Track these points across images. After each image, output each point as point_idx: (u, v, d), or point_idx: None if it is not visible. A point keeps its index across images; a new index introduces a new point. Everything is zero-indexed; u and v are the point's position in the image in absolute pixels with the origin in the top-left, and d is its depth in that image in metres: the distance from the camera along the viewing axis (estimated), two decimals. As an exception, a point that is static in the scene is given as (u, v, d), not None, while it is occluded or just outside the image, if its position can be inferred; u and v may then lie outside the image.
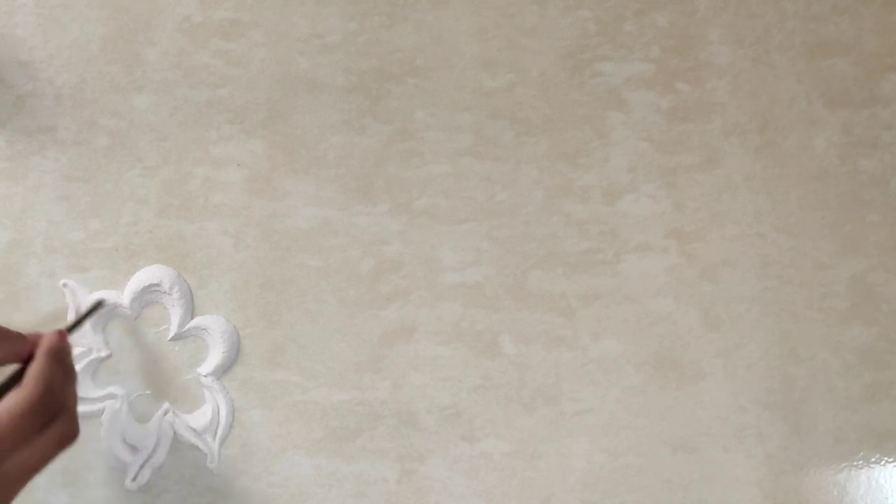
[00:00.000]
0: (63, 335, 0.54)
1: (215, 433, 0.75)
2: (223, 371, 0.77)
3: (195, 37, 0.84)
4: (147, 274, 0.78)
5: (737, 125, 0.80)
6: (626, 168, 0.80)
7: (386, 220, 0.79)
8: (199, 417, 0.76)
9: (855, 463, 0.72)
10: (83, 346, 0.77)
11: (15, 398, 0.47)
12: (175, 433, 0.76)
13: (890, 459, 0.72)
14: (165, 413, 0.76)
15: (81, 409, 0.75)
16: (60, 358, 0.52)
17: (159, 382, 0.77)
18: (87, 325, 0.77)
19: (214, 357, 0.77)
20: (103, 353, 0.77)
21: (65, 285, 0.78)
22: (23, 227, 0.80)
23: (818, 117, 0.80)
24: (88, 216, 0.80)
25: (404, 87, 0.83)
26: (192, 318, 0.78)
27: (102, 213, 0.80)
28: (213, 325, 0.77)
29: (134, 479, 0.74)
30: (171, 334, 0.78)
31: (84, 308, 0.74)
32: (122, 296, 0.78)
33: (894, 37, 0.82)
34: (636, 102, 0.81)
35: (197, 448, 0.76)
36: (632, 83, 0.82)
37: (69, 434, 0.50)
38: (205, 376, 0.76)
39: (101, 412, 0.76)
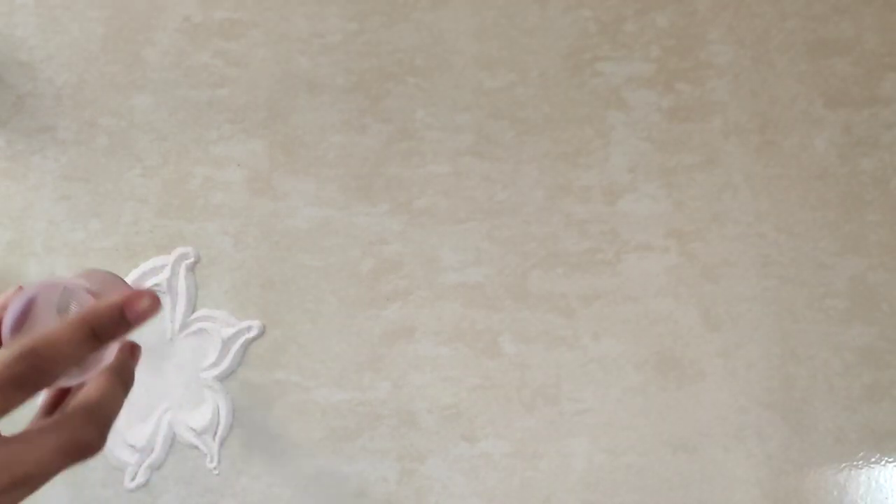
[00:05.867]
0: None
1: (215, 433, 0.75)
2: (224, 371, 0.77)
3: (195, 37, 0.84)
4: (147, 273, 0.78)
5: (737, 125, 0.80)
6: (626, 168, 0.80)
7: (386, 220, 0.79)
8: (199, 417, 0.76)
9: (855, 463, 0.72)
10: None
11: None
12: (175, 433, 0.76)
13: (890, 459, 0.72)
14: (165, 413, 0.76)
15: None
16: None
17: (159, 382, 0.77)
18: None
19: (215, 357, 0.77)
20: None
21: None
22: (23, 227, 0.80)
23: (818, 117, 0.80)
24: (88, 216, 0.80)
25: (404, 87, 0.83)
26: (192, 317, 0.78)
27: (102, 213, 0.80)
28: (214, 325, 0.77)
29: (133, 479, 0.74)
30: (171, 334, 0.78)
31: None
32: None
33: (894, 36, 0.82)
34: (636, 102, 0.81)
35: (197, 448, 0.75)
36: (632, 83, 0.82)
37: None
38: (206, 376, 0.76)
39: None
